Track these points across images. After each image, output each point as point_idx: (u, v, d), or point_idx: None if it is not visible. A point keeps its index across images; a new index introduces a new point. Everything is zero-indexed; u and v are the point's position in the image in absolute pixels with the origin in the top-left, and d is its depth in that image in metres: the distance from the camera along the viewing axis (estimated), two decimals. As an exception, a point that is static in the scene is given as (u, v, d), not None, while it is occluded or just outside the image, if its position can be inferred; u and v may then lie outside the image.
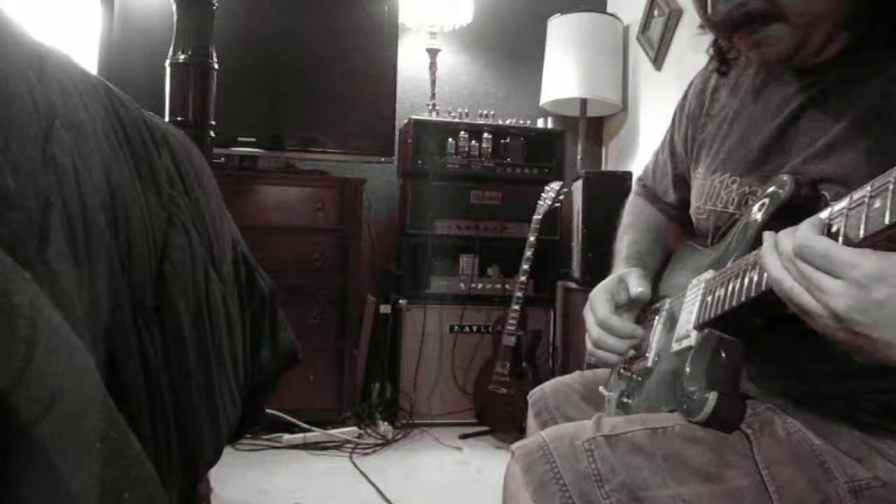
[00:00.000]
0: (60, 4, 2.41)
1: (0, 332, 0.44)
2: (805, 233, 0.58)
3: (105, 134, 0.73)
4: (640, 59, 2.83)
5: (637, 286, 0.95)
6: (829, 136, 0.76)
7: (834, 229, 0.57)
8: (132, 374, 0.68)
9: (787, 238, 0.60)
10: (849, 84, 0.77)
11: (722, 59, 0.93)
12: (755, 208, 0.76)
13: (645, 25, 2.76)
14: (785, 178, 0.72)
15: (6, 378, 0.43)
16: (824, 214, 0.59)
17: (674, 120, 1.07)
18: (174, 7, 1.42)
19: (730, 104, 0.94)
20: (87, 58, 2.43)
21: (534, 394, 1.05)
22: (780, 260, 0.60)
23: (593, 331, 0.93)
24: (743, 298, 0.68)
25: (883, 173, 0.53)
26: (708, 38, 0.93)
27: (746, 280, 0.68)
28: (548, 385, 1.06)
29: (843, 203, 0.57)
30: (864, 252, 0.54)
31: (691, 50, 0.98)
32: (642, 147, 2.79)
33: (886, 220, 0.52)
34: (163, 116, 1.37)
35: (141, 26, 2.31)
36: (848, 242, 0.56)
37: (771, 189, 0.74)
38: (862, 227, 0.54)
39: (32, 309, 0.46)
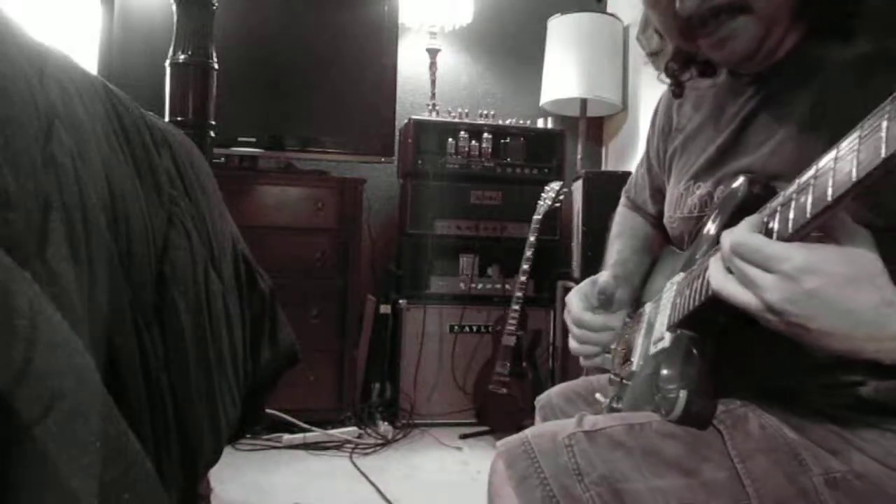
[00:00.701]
0: (60, 4, 2.41)
1: (0, 332, 0.44)
2: (741, 231, 0.61)
3: (105, 134, 0.73)
4: (640, 59, 2.83)
5: (603, 279, 1.02)
6: (780, 133, 0.78)
7: (770, 226, 0.60)
8: (132, 374, 0.68)
9: (727, 237, 0.62)
10: (798, 82, 0.78)
11: (676, 83, 0.98)
12: (716, 209, 0.79)
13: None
14: (739, 177, 0.75)
15: (6, 378, 0.43)
16: (763, 213, 0.62)
17: (648, 137, 1.13)
18: (174, 7, 1.42)
19: (694, 118, 0.98)
20: (87, 58, 2.43)
21: (540, 399, 1.09)
22: (722, 259, 0.63)
23: (571, 329, 1.01)
24: (702, 298, 0.70)
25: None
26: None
27: (704, 280, 0.70)
28: (553, 390, 1.09)
29: (778, 200, 0.60)
30: (795, 245, 0.56)
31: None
32: (642, 147, 2.78)
33: (808, 214, 0.54)
34: (163, 116, 1.37)
35: (141, 26, 2.31)
36: (781, 238, 0.58)
37: (728, 189, 0.77)
38: (790, 222, 0.57)
39: (32, 309, 0.46)
